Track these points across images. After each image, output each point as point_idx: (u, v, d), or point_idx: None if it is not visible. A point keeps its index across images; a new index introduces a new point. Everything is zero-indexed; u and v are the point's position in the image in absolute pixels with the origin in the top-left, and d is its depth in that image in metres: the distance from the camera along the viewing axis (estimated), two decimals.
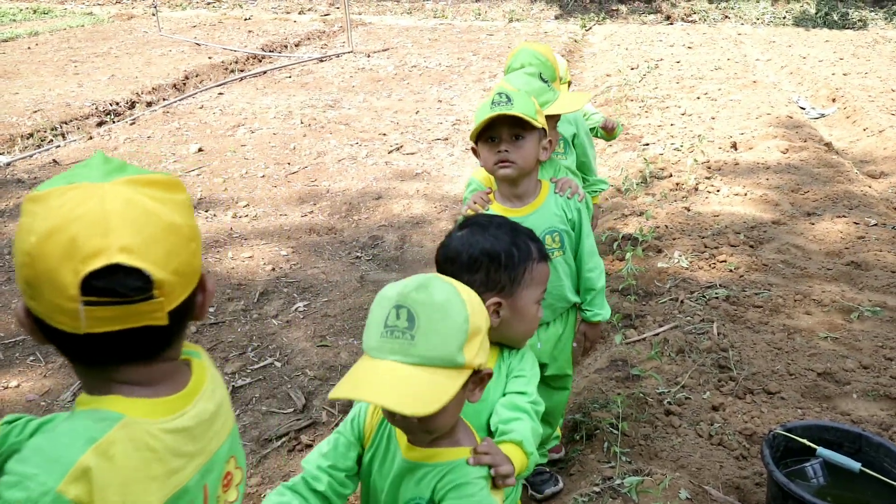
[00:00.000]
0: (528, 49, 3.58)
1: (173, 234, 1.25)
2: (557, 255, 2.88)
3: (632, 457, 3.46)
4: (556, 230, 2.86)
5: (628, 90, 10.78)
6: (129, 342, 1.25)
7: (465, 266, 2.03)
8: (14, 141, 8.79)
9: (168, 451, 1.29)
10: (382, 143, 8.64)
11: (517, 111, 2.67)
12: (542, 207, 2.86)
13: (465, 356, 1.61)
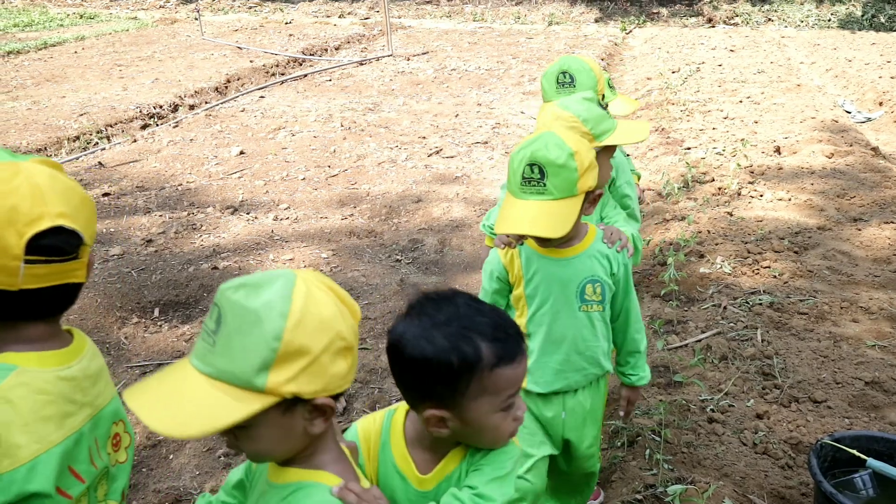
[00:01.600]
0: (573, 57, 3.48)
1: (87, 205, 1.53)
2: (596, 310, 2.57)
3: (674, 464, 3.42)
4: (598, 280, 2.54)
5: (669, 94, 10.69)
6: (49, 298, 1.49)
7: (401, 365, 1.58)
8: (61, 144, 8.96)
9: (60, 396, 1.49)
10: (422, 147, 8.66)
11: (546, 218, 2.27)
12: (586, 252, 2.54)
13: (266, 379, 1.27)
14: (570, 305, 2.54)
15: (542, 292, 2.55)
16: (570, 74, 3.37)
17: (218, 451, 3.74)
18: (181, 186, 7.53)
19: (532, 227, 2.27)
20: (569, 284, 2.52)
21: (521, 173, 2.29)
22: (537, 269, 2.54)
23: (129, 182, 7.67)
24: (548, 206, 2.27)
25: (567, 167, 2.25)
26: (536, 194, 2.28)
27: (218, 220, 6.65)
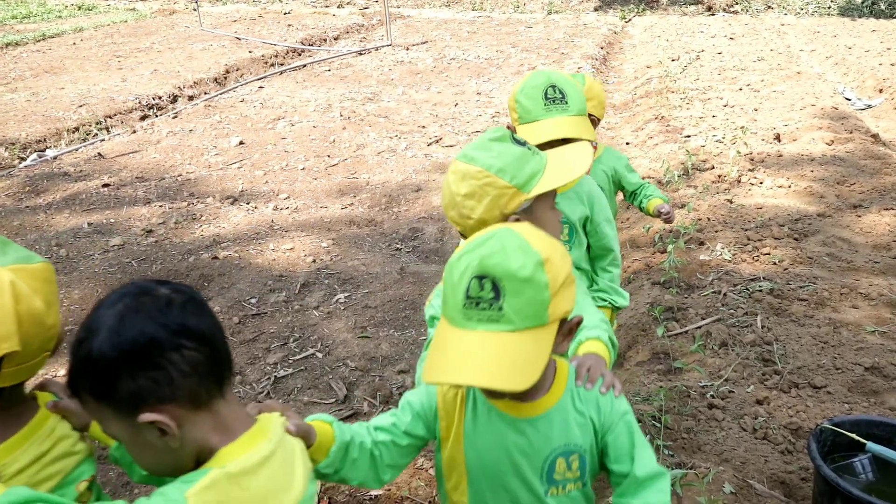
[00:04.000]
0: (549, 70, 2.80)
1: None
2: (573, 489, 1.76)
3: (674, 450, 3.43)
4: (572, 451, 1.73)
5: (669, 82, 10.67)
6: None
7: None
8: (60, 135, 8.95)
9: None
10: (422, 136, 8.65)
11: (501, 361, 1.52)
12: (557, 408, 1.73)
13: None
14: (530, 489, 1.75)
15: (490, 464, 1.75)
16: (560, 88, 2.61)
17: None
18: (181, 177, 7.52)
19: (478, 375, 1.50)
20: (531, 458, 1.73)
21: (465, 290, 1.54)
22: (485, 429, 1.74)
23: (129, 173, 7.67)
24: (504, 342, 1.51)
25: (534, 282, 1.52)
26: (488, 322, 1.51)
27: (218, 211, 6.65)
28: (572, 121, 2.57)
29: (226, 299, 5.06)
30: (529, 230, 1.61)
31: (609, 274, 2.97)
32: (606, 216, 2.89)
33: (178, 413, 1.34)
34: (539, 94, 2.58)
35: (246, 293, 5.14)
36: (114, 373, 1.31)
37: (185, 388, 1.35)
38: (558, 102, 2.57)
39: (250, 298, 5.08)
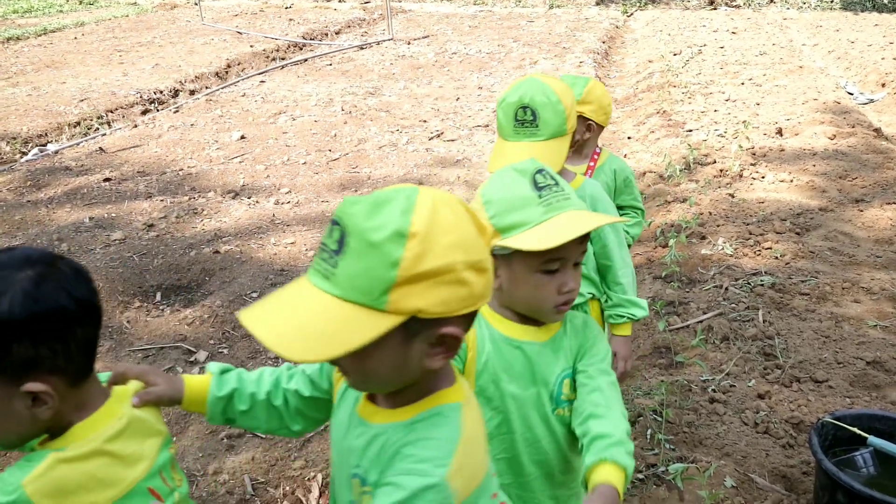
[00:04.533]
0: (537, 81, 2.49)
1: None
2: None
3: (675, 444, 3.44)
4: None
5: (671, 76, 10.65)
6: None
7: None
8: (62, 129, 8.94)
9: None
10: (423, 130, 8.64)
11: None
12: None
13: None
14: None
15: None
16: (533, 109, 2.44)
17: (221, 433, 3.75)
18: (182, 171, 7.52)
19: (271, 333, 1.33)
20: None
21: None
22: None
23: (130, 167, 7.67)
24: (322, 304, 1.28)
25: (381, 252, 1.24)
26: (321, 276, 1.27)
27: (219, 205, 6.64)
28: (538, 148, 2.41)
29: (227, 293, 5.06)
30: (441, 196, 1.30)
31: (620, 286, 2.75)
32: (614, 227, 2.73)
33: (59, 386, 1.36)
34: (511, 114, 2.46)
35: (247, 287, 5.14)
36: (15, 336, 1.29)
37: (75, 363, 1.37)
38: (527, 126, 2.43)
39: (251, 293, 5.08)
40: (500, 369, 1.88)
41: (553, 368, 1.88)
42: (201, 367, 4.28)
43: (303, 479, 3.42)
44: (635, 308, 2.76)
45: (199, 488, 3.38)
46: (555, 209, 1.74)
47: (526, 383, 1.88)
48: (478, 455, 1.38)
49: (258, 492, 3.37)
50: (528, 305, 1.86)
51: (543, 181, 1.76)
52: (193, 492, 3.36)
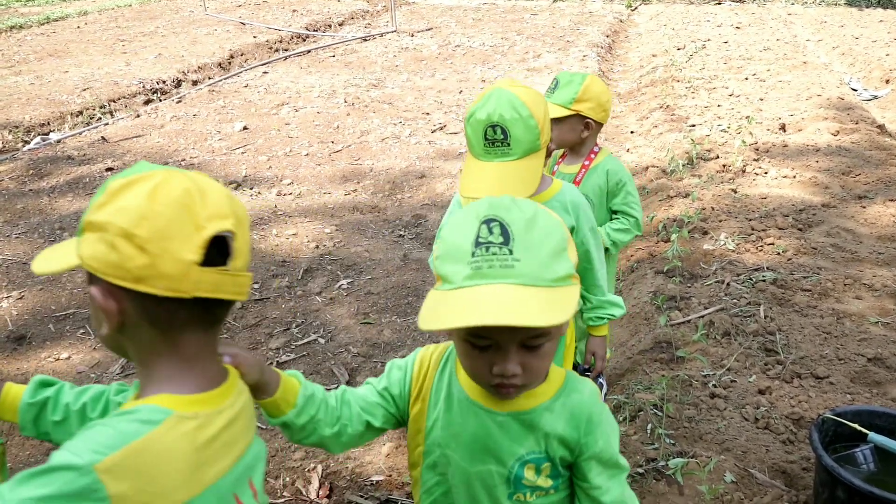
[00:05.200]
0: (506, 91, 2.28)
1: None
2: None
3: (675, 439, 3.43)
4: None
5: (674, 70, 10.63)
6: None
7: None
8: (64, 118, 8.93)
9: None
10: (426, 123, 8.63)
11: None
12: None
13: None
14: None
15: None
16: (503, 128, 2.26)
17: None
18: (184, 161, 7.51)
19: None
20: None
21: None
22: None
23: (133, 157, 7.66)
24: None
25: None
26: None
27: None
28: (510, 168, 2.26)
29: None
30: None
31: (599, 287, 2.72)
32: (591, 224, 2.57)
33: None
34: (480, 132, 2.27)
35: None
36: None
37: None
38: (498, 145, 2.25)
39: (254, 283, 5.08)
40: (447, 433, 1.65)
41: (515, 447, 1.58)
42: None
43: (303, 470, 3.43)
44: (614, 308, 2.79)
45: None
46: (481, 277, 1.36)
47: (474, 456, 1.61)
48: (170, 476, 1.21)
49: None
50: (466, 371, 1.59)
51: (486, 236, 1.38)
52: None
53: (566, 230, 1.48)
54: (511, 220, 1.39)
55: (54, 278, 5.16)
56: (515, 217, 1.40)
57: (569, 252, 1.45)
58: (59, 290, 5.02)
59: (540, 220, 1.42)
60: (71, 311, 4.80)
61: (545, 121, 2.30)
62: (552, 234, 1.42)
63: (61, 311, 4.81)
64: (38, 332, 4.58)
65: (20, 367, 4.26)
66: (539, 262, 1.38)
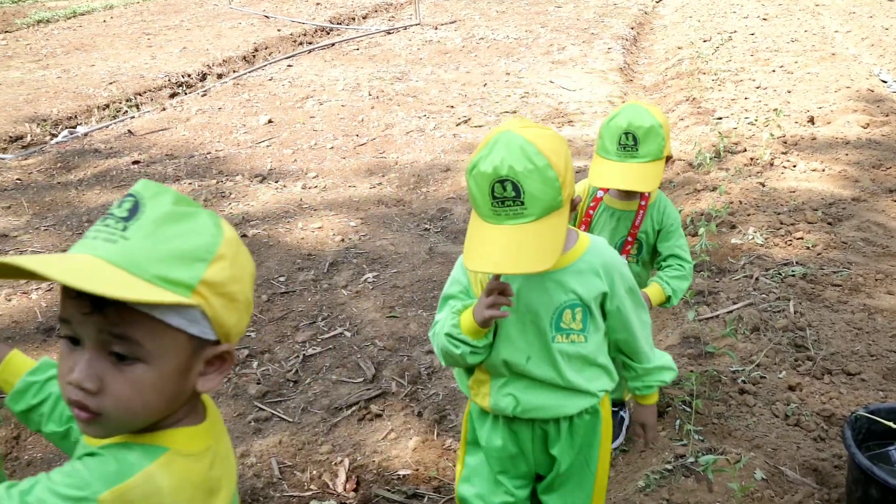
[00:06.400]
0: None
1: None
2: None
3: (704, 435, 3.41)
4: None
5: (700, 63, 10.54)
6: None
7: None
8: (91, 112, 9.00)
9: None
10: (450, 116, 8.61)
11: None
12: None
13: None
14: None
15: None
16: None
17: (248, 416, 3.77)
18: (210, 155, 7.55)
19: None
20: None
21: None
22: None
23: (159, 150, 7.70)
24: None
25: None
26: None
27: (247, 189, 6.66)
28: (526, 232, 1.93)
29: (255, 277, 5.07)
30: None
31: (643, 354, 2.26)
32: (629, 284, 2.16)
33: None
34: (486, 188, 2.02)
35: (275, 271, 5.16)
36: None
37: None
38: (509, 204, 1.98)
39: (279, 276, 5.09)
40: None
41: None
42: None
43: (329, 463, 3.43)
44: (664, 373, 2.31)
45: None
46: None
47: None
48: None
49: (285, 475, 3.38)
50: None
51: None
52: None
53: None
54: None
55: None
56: None
57: None
58: None
59: None
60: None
61: (567, 169, 1.89)
62: None
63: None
64: None
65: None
66: None
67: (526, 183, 1.80)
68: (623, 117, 2.74)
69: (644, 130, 2.72)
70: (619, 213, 3.08)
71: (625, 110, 2.77)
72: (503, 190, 1.82)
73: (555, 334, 2.07)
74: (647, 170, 2.76)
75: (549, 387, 2.12)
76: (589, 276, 2.06)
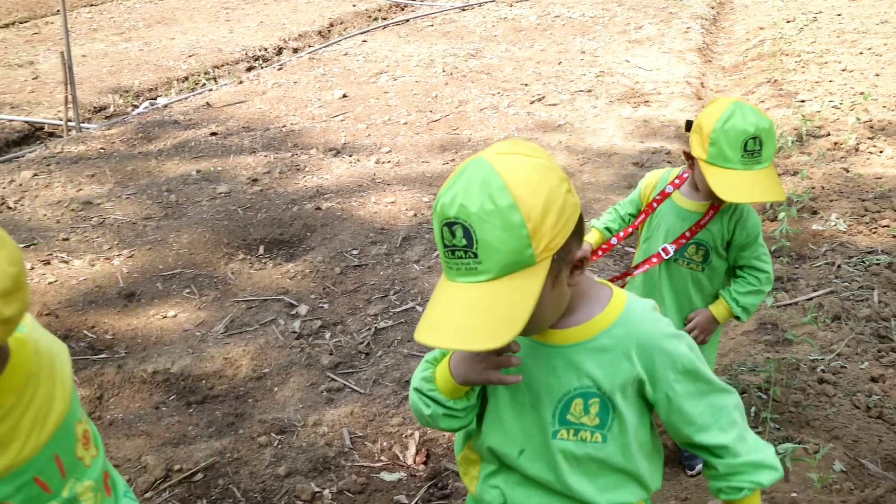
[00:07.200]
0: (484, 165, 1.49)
1: None
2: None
3: (781, 423, 3.33)
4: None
5: (783, 44, 10.23)
6: None
7: None
8: (171, 84, 9.19)
9: None
10: (524, 94, 8.54)
11: None
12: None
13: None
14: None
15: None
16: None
17: (321, 385, 3.82)
18: (285, 128, 7.63)
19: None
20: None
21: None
22: None
23: (236, 122, 7.82)
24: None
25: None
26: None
27: (321, 162, 6.72)
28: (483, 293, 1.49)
29: (328, 249, 5.12)
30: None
31: (726, 448, 1.57)
32: (681, 364, 1.53)
33: None
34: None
35: (348, 244, 5.20)
36: None
37: None
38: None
39: (352, 250, 5.13)
40: None
41: None
42: (303, 320, 4.35)
43: (400, 435, 3.46)
44: (761, 472, 1.57)
45: (300, 438, 3.45)
46: None
47: None
48: None
49: (356, 445, 3.42)
50: None
51: None
52: (293, 441, 3.43)
53: None
54: None
55: (161, 238, 5.31)
56: None
57: None
58: (166, 249, 5.18)
59: None
60: (178, 270, 4.94)
61: (548, 213, 1.33)
62: None
63: (169, 270, 4.95)
64: (146, 290, 4.73)
65: (130, 324, 4.42)
66: None
67: (479, 228, 1.30)
68: (743, 120, 2.47)
69: (766, 132, 2.49)
70: (686, 213, 2.81)
71: (737, 112, 2.48)
72: (451, 236, 1.34)
73: (558, 428, 1.56)
74: (773, 175, 2.55)
75: (546, 490, 1.62)
76: (615, 358, 1.52)
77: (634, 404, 1.56)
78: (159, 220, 5.64)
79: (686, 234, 2.79)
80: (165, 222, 5.59)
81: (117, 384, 3.85)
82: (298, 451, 3.38)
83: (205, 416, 3.68)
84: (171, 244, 5.24)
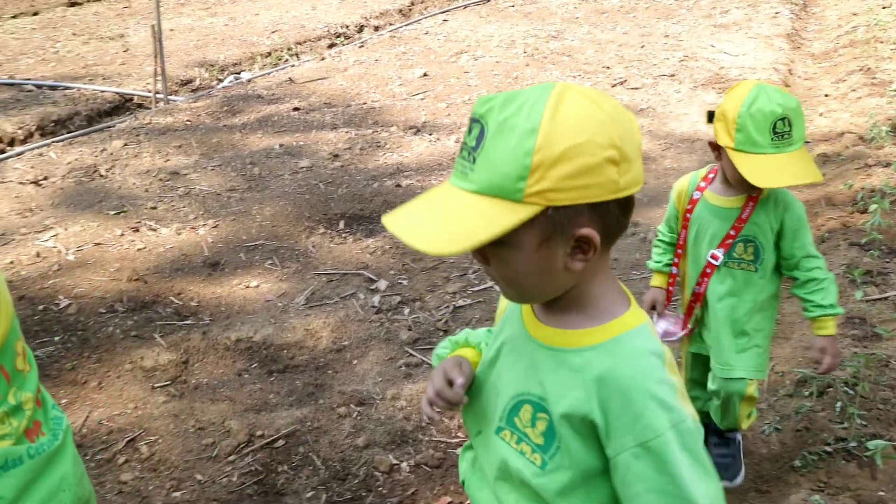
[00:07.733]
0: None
1: None
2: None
3: (868, 420, 3.25)
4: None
5: (878, 31, 9.88)
6: None
7: None
8: (254, 59, 9.33)
9: None
10: (606, 77, 8.43)
11: None
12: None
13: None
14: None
15: None
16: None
17: (399, 360, 3.87)
18: (366, 105, 7.69)
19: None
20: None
21: None
22: None
23: (317, 98, 7.91)
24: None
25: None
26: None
27: (401, 140, 6.76)
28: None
29: None
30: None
31: None
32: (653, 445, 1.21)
33: None
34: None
35: None
36: None
37: None
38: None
39: None
40: None
41: None
42: (382, 295, 4.40)
43: None
44: None
45: (378, 411, 3.50)
46: None
47: None
48: None
49: (434, 421, 3.44)
50: None
51: None
52: (372, 414, 3.48)
53: None
54: None
55: (244, 209, 5.42)
56: None
57: None
58: (249, 221, 5.28)
59: None
60: (260, 241, 5.04)
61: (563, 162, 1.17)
62: None
63: (252, 241, 5.06)
64: (230, 260, 4.84)
65: (214, 292, 4.53)
66: None
67: (491, 137, 1.18)
68: (769, 101, 2.36)
69: (794, 112, 2.38)
70: (724, 211, 2.67)
71: (761, 94, 2.37)
72: (468, 133, 1.23)
73: (503, 426, 1.39)
74: (806, 157, 2.44)
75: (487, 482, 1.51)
76: (572, 381, 1.29)
77: (594, 449, 1.28)
78: (243, 192, 5.75)
79: (731, 233, 2.65)
80: (249, 194, 5.70)
81: (202, 350, 3.95)
82: (377, 423, 3.42)
83: (286, 385, 3.76)
84: (255, 216, 5.34)
